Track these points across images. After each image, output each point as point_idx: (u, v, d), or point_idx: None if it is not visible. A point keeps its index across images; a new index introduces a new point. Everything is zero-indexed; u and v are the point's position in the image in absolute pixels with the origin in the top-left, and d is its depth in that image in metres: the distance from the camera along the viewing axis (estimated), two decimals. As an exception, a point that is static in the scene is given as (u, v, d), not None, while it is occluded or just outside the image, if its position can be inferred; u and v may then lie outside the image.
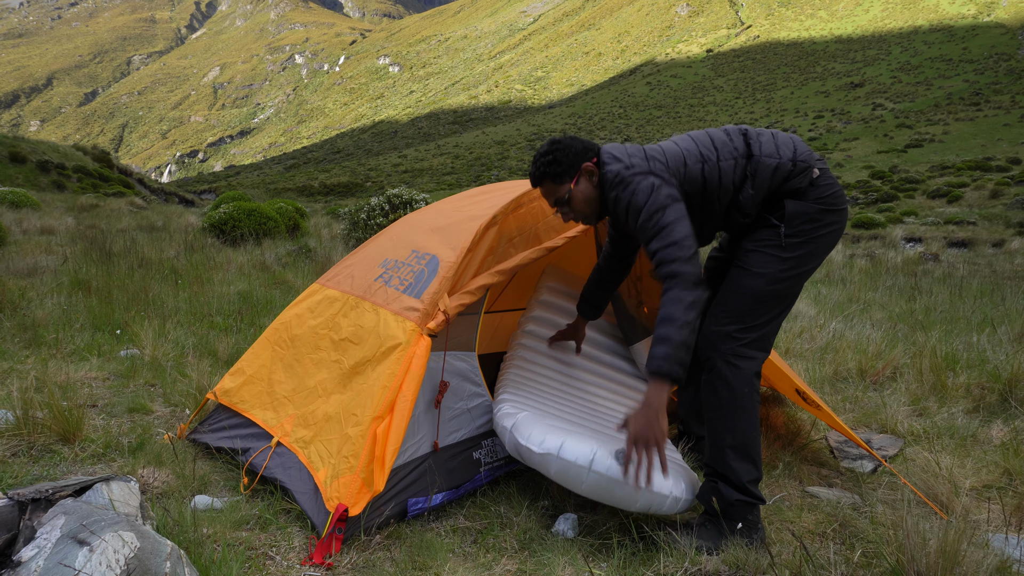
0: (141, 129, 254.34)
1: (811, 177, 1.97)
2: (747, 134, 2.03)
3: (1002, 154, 32.06)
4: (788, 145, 2.00)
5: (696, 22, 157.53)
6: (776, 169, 1.96)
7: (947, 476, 2.26)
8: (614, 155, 1.99)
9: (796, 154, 1.98)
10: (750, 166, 1.97)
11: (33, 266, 5.59)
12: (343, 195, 48.47)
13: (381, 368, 2.05)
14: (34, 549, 1.44)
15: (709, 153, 1.99)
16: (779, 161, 1.96)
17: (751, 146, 1.99)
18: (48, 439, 2.38)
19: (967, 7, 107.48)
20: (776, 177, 1.96)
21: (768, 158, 1.96)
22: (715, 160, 1.97)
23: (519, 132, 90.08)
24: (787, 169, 1.96)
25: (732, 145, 1.99)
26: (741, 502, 1.90)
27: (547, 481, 2.28)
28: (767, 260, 1.98)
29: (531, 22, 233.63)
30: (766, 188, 1.97)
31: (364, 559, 1.84)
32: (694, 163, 1.97)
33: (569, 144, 2.02)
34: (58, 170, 22.25)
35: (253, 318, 4.43)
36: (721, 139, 2.02)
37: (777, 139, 2.02)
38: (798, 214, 1.96)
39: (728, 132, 2.05)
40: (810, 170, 1.97)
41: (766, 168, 1.96)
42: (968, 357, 3.77)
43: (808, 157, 2.00)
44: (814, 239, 1.99)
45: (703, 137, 2.04)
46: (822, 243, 2.02)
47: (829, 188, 2.00)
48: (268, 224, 8.91)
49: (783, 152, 1.98)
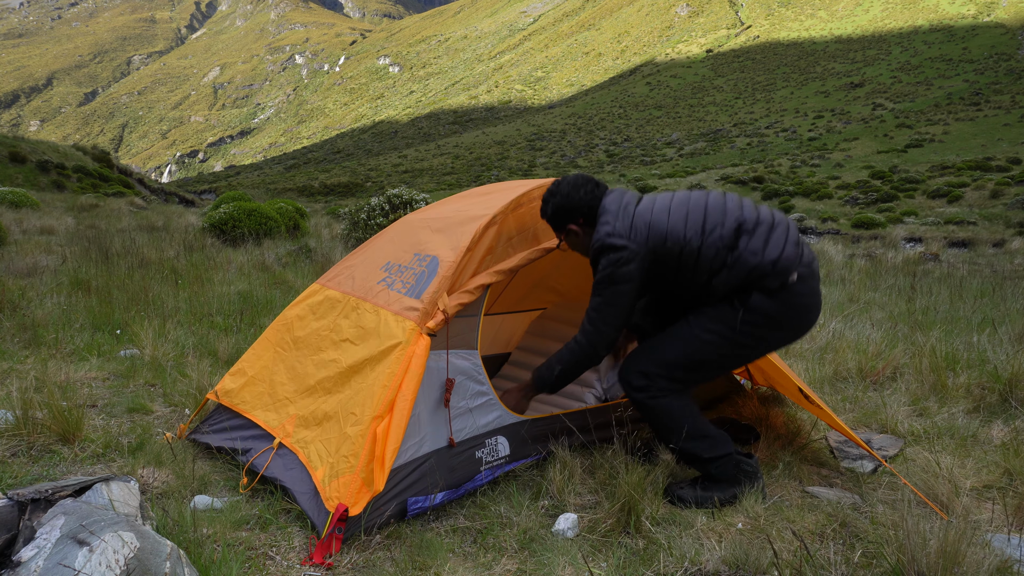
0: (141, 129, 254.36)
1: (787, 280, 2.01)
2: (741, 227, 2.04)
3: (1002, 154, 32.05)
4: (778, 245, 2.02)
5: (696, 22, 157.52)
6: (755, 267, 2.01)
7: (947, 476, 2.25)
8: (608, 211, 2.11)
9: (781, 256, 2.00)
10: (731, 257, 2.02)
11: (33, 266, 5.58)
12: (343, 195, 48.47)
13: (381, 368, 2.05)
14: (34, 549, 1.44)
15: (694, 236, 2.04)
16: (760, 260, 2.01)
17: (739, 240, 2.02)
18: (48, 439, 2.38)
19: (967, 7, 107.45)
20: (752, 274, 2.02)
21: (751, 255, 2.01)
22: (697, 245, 2.04)
23: (519, 132, 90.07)
24: (765, 270, 2.01)
25: (720, 233, 2.03)
26: (715, 458, 2.16)
27: (547, 481, 2.28)
28: (717, 331, 2.07)
29: (531, 22, 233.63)
30: (740, 280, 2.03)
31: (364, 559, 1.84)
32: (673, 244, 2.04)
33: (563, 201, 2.17)
34: (58, 170, 22.24)
35: (253, 318, 4.42)
36: (714, 222, 2.05)
37: (771, 236, 2.03)
38: (760, 310, 2.02)
39: (725, 217, 2.05)
40: (788, 274, 2.00)
41: (745, 264, 2.01)
42: (968, 357, 3.77)
43: (790, 263, 2.01)
44: (766, 338, 2.07)
45: (698, 214, 2.06)
46: (774, 340, 2.09)
47: (802, 297, 2.04)
48: (268, 224, 8.91)
49: (768, 253, 2.01)
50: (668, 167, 43.46)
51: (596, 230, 2.11)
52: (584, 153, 66.23)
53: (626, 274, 2.03)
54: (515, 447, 2.35)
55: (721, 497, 2.17)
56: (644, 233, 2.03)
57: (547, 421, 2.47)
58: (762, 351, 2.13)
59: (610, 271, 2.04)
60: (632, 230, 2.04)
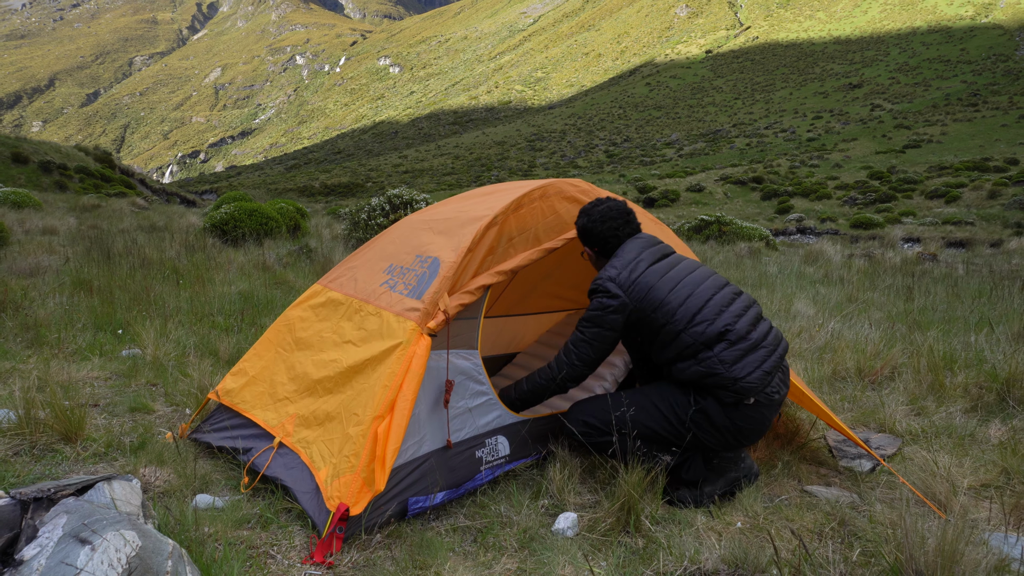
0: (143, 130, 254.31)
1: (742, 401, 2.08)
2: (725, 334, 2.09)
3: (1000, 155, 32.03)
4: (748, 367, 2.08)
5: (695, 23, 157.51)
6: (717, 376, 2.08)
7: (945, 475, 2.26)
8: (621, 256, 2.25)
9: (744, 378, 2.06)
10: (702, 355, 2.09)
11: (35, 266, 5.59)
12: (344, 195, 48.44)
13: (382, 368, 2.06)
14: (36, 548, 1.45)
15: (681, 320, 2.11)
16: (724, 372, 2.07)
17: (717, 344, 2.08)
18: (50, 438, 2.38)
19: (965, 8, 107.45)
20: (712, 380, 2.09)
21: (718, 363, 2.07)
22: (679, 330, 2.11)
23: (519, 133, 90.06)
24: (726, 383, 2.07)
25: (703, 330, 2.10)
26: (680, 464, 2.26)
27: (547, 480, 2.29)
28: (668, 413, 2.14)
29: (531, 23, 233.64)
30: (699, 378, 2.10)
31: (365, 558, 1.85)
32: (660, 316, 2.13)
33: (589, 224, 2.32)
34: (60, 170, 22.25)
35: (254, 318, 4.43)
36: (705, 316, 2.11)
37: (748, 356, 2.08)
38: (707, 413, 2.10)
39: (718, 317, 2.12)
40: (746, 396, 2.07)
41: (710, 368, 2.08)
42: (966, 357, 3.78)
43: (750, 388, 2.06)
44: (707, 436, 2.13)
45: (696, 302, 2.13)
46: (712, 441, 2.14)
47: (749, 420, 2.11)
48: (269, 224, 8.92)
49: (735, 370, 2.07)
50: (668, 167, 43.43)
51: (604, 268, 2.25)
52: (584, 153, 66.22)
53: (611, 322, 2.17)
54: (515, 447, 2.36)
55: (712, 490, 2.22)
56: (640, 295, 2.15)
57: (547, 421, 2.48)
58: (696, 440, 2.19)
59: (598, 314, 2.18)
60: (632, 286, 2.16)
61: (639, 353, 2.39)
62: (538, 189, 2.47)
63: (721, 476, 2.23)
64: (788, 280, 7.53)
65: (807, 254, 10.89)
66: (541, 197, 2.47)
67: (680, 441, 2.18)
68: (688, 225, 13.47)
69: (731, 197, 29.05)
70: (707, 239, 12.50)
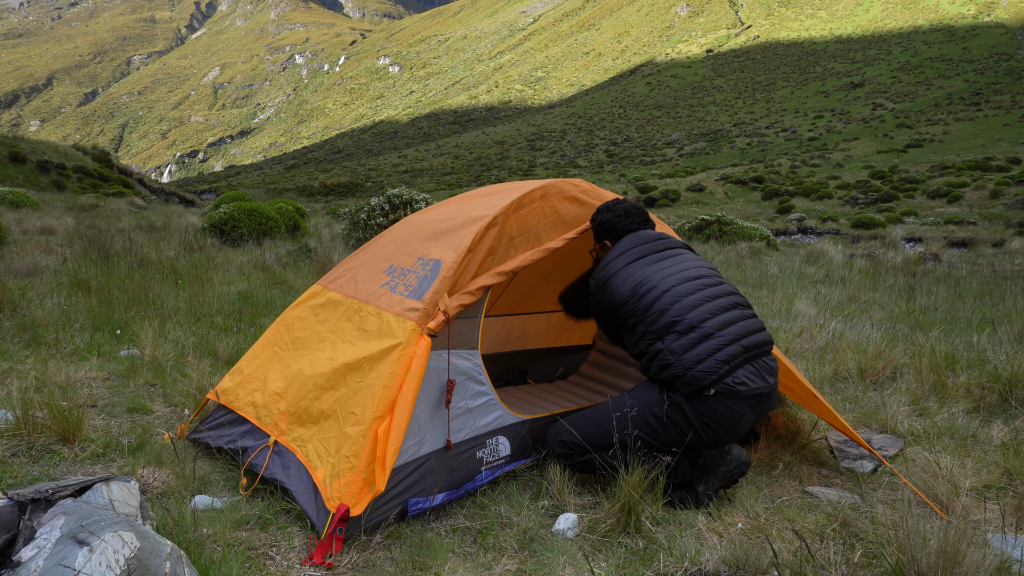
0: (141, 129, 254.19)
1: (699, 390, 2.07)
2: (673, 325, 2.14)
3: (1002, 154, 32.01)
4: (699, 356, 2.08)
5: (696, 22, 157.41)
6: (669, 366, 2.12)
7: (947, 476, 2.25)
8: (622, 248, 2.37)
9: (694, 368, 2.06)
10: (653, 347, 2.15)
11: (33, 266, 5.58)
12: (343, 195, 48.42)
13: (382, 367, 2.05)
14: (34, 549, 1.44)
15: (636, 311, 2.20)
16: (673, 362, 2.10)
17: (666, 336, 2.13)
18: (48, 439, 2.38)
19: (967, 7, 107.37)
20: (665, 372, 2.12)
21: (669, 354, 2.11)
22: (633, 323, 2.21)
23: (519, 132, 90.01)
24: (676, 373, 2.10)
25: (654, 320, 2.16)
26: None
27: (547, 481, 2.28)
28: (643, 413, 2.15)
29: (531, 22, 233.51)
30: (656, 371, 2.16)
31: (364, 559, 1.84)
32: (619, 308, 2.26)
33: (611, 220, 2.44)
34: (58, 170, 22.23)
35: (253, 318, 4.42)
36: (658, 308, 2.17)
37: (699, 345, 2.10)
38: (679, 406, 2.12)
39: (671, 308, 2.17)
40: (698, 385, 2.06)
41: (661, 360, 2.13)
42: (968, 357, 3.77)
43: (702, 376, 2.05)
44: (685, 434, 2.12)
45: (653, 295, 2.20)
46: (693, 440, 2.13)
47: (716, 415, 2.09)
48: (268, 224, 8.91)
49: (685, 359, 2.09)
50: (668, 167, 43.41)
51: (607, 256, 2.41)
52: (584, 153, 66.18)
53: (594, 303, 2.39)
54: (515, 447, 2.35)
55: (707, 488, 2.21)
56: (608, 294, 2.30)
57: (547, 421, 2.47)
58: (681, 446, 2.17)
59: (592, 295, 2.40)
60: (603, 285, 2.33)
61: None
62: (539, 189, 2.46)
63: (711, 473, 2.22)
64: (789, 280, 7.52)
65: (808, 254, 10.88)
66: (542, 197, 2.46)
67: (664, 442, 2.17)
68: (689, 225, 13.46)
69: (732, 197, 29.03)
70: (708, 239, 12.49)
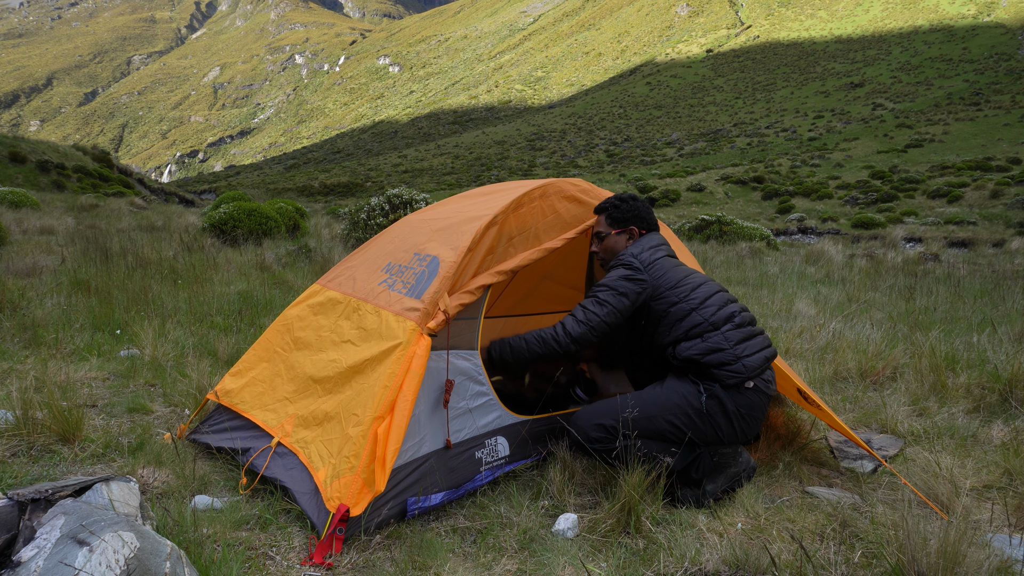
0: (141, 129, 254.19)
1: (742, 382, 2.15)
2: (732, 317, 2.23)
3: (1002, 154, 32.01)
4: (752, 348, 2.21)
5: (696, 22, 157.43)
6: (722, 352, 2.16)
7: (947, 476, 2.25)
8: (638, 244, 2.41)
9: (749, 357, 2.16)
10: (709, 335, 2.19)
11: (33, 266, 5.58)
12: (343, 195, 48.43)
13: (382, 368, 2.05)
14: (34, 549, 1.44)
15: (692, 302, 2.23)
16: (730, 348, 2.17)
17: (725, 325, 2.20)
18: (48, 439, 2.37)
19: (967, 7, 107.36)
20: (716, 358, 2.16)
21: (725, 340, 2.17)
22: (688, 310, 2.22)
23: (519, 132, 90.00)
24: (728, 360, 2.15)
25: (712, 311, 2.21)
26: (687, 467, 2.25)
27: (547, 481, 2.28)
28: (682, 404, 2.17)
29: (531, 22, 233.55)
30: (701, 355, 2.17)
31: (364, 559, 1.84)
32: (676, 296, 2.25)
33: (640, 209, 2.47)
34: (58, 170, 22.24)
35: (253, 318, 4.42)
36: (713, 303, 2.24)
37: (752, 340, 2.22)
38: (719, 399, 2.15)
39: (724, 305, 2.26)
40: (744, 376, 2.14)
41: (716, 346, 2.17)
42: (968, 357, 3.77)
43: (752, 368, 2.15)
44: (720, 427, 2.17)
45: (703, 291, 2.27)
46: (724, 433, 2.17)
47: (751, 407, 2.17)
48: (268, 224, 8.91)
49: (740, 349, 2.18)
50: (668, 167, 43.41)
51: (628, 248, 2.41)
52: (584, 153, 66.18)
53: (628, 289, 2.26)
54: (515, 447, 2.35)
55: (714, 488, 2.22)
56: (658, 274, 2.29)
57: (547, 421, 2.47)
58: (712, 440, 2.21)
59: (617, 280, 2.28)
60: (651, 265, 2.32)
61: (636, 344, 2.42)
62: (538, 188, 2.46)
63: (722, 472, 2.24)
64: (789, 280, 7.53)
65: (808, 254, 10.88)
66: (541, 196, 2.46)
67: (683, 439, 2.18)
68: (689, 225, 13.46)
69: (732, 197, 29.03)
70: (708, 239, 12.49)
